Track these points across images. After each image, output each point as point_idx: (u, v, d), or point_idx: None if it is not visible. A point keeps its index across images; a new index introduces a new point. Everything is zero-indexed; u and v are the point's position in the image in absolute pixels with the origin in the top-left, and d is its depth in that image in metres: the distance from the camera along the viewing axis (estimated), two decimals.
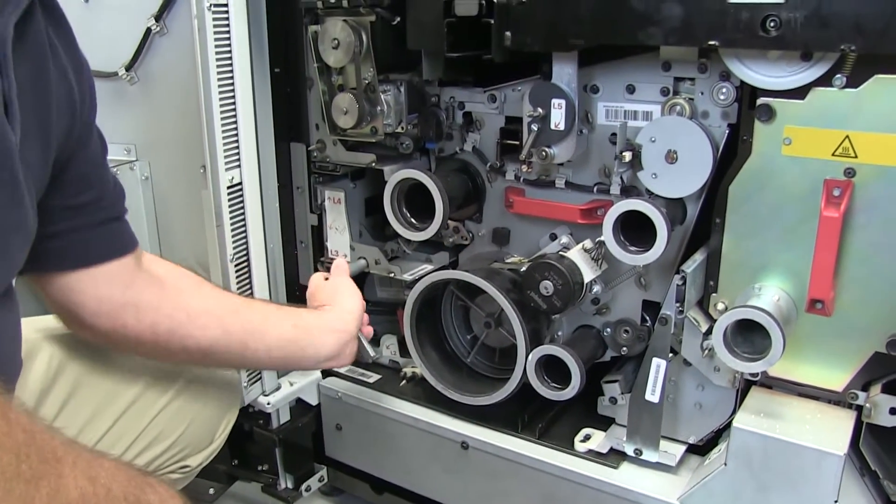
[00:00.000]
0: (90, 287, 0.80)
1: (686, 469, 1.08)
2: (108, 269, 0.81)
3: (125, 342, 0.86)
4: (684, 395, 1.07)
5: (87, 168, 0.76)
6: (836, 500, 0.90)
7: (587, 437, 1.14)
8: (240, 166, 1.15)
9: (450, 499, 1.25)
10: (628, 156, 0.99)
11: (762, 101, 0.89)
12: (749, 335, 0.92)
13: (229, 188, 1.14)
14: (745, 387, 1.03)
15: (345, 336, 1.01)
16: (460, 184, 1.19)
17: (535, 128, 1.04)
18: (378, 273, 1.29)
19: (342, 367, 1.04)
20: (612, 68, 1.03)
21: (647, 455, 1.06)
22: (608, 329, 1.14)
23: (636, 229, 0.98)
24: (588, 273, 1.06)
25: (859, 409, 0.95)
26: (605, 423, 1.16)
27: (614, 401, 1.12)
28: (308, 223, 1.33)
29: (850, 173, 0.86)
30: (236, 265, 1.18)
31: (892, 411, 0.91)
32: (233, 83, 1.11)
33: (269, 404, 1.27)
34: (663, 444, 1.06)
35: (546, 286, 1.05)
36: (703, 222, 1.02)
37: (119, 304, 0.82)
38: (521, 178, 1.15)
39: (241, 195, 1.16)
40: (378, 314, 1.35)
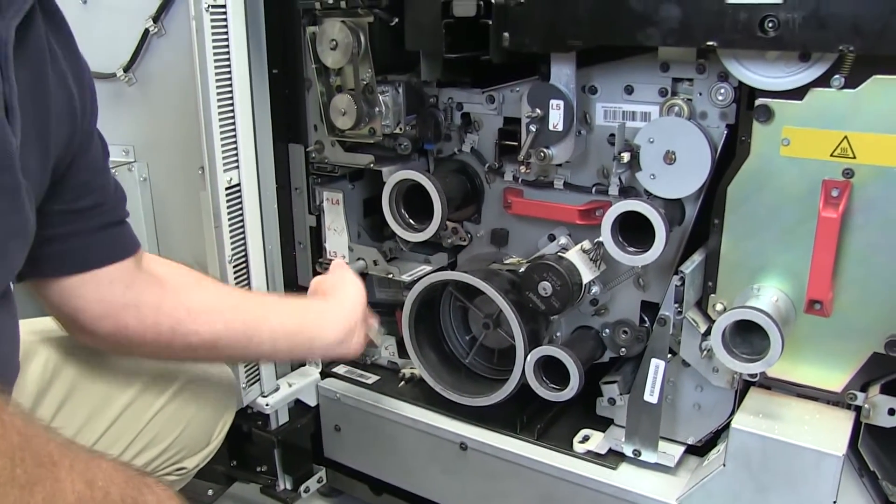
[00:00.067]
0: (91, 291, 0.80)
1: (685, 470, 1.08)
2: (109, 272, 0.80)
3: (127, 344, 0.86)
4: (683, 396, 1.07)
5: (87, 173, 0.76)
6: (834, 501, 0.90)
7: (586, 438, 1.14)
8: (238, 167, 1.15)
9: (448, 500, 1.25)
10: (627, 156, 0.99)
11: (760, 101, 0.89)
12: (748, 336, 0.92)
13: (228, 189, 1.14)
14: (743, 387, 1.03)
15: (350, 320, 1.00)
16: (459, 185, 1.18)
17: (533, 129, 1.04)
18: (377, 274, 1.29)
19: (351, 357, 1.03)
20: (610, 69, 1.03)
21: (646, 456, 1.06)
22: (607, 330, 1.14)
23: (635, 230, 0.98)
24: (587, 274, 1.06)
25: (858, 409, 0.95)
26: (603, 424, 1.15)
27: (613, 402, 1.12)
28: (306, 224, 1.33)
29: (849, 174, 0.86)
30: (235, 266, 1.18)
31: (891, 412, 0.91)
32: (231, 84, 1.11)
33: (268, 405, 1.27)
34: (662, 444, 1.06)
35: (544, 287, 1.05)
36: (702, 223, 1.02)
37: (120, 306, 0.82)
38: (520, 179, 1.15)
39: (240, 196, 1.17)
40: (377, 315, 1.35)
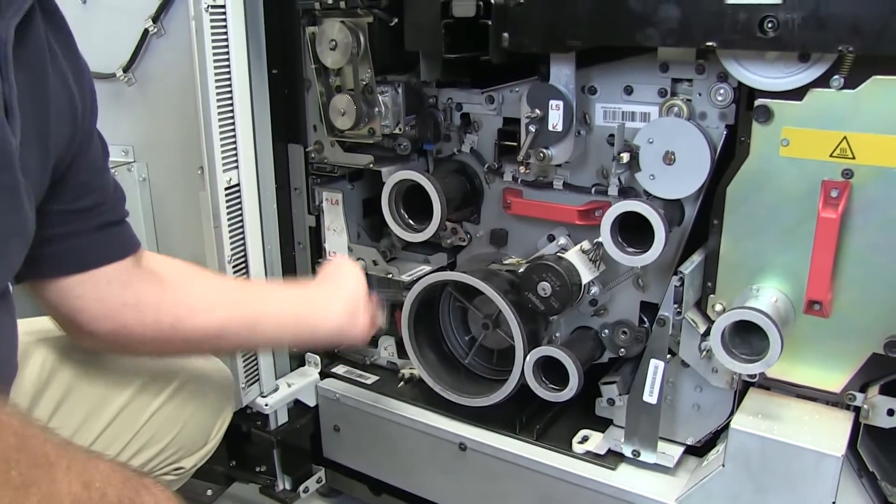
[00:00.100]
0: (89, 291, 0.79)
1: (684, 470, 1.08)
2: (107, 272, 0.80)
3: (127, 343, 0.85)
4: (682, 397, 1.07)
5: (87, 173, 0.75)
6: (833, 502, 0.90)
7: (585, 439, 1.14)
8: (237, 167, 1.15)
9: (448, 500, 1.25)
10: (626, 157, 0.99)
11: (760, 102, 0.89)
12: (747, 336, 0.92)
13: (227, 189, 1.14)
14: (742, 388, 1.03)
15: (352, 301, 0.99)
16: (458, 185, 1.18)
17: (532, 129, 1.04)
18: (376, 274, 1.29)
19: (360, 340, 1.02)
20: (609, 69, 1.03)
21: (645, 456, 1.06)
22: (606, 330, 1.14)
23: (634, 230, 0.97)
24: (586, 274, 1.06)
25: (857, 410, 0.94)
26: (602, 425, 1.15)
27: (612, 402, 1.12)
28: (306, 224, 1.33)
29: (848, 174, 0.86)
30: (234, 266, 1.18)
31: (890, 412, 0.91)
32: (230, 84, 1.11)
33: (267, 405, 1.27)
34: (661, 445, 1.06)
35: (544, 287, 1.05)
36: (701, 223, 1.02)
37: (118, 305, 0.82)
38: (519, 180, 1.15)
39: (239, 196, 1.17)
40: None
